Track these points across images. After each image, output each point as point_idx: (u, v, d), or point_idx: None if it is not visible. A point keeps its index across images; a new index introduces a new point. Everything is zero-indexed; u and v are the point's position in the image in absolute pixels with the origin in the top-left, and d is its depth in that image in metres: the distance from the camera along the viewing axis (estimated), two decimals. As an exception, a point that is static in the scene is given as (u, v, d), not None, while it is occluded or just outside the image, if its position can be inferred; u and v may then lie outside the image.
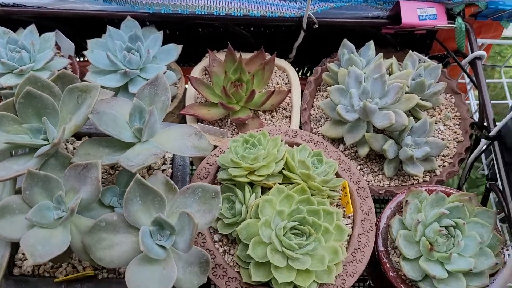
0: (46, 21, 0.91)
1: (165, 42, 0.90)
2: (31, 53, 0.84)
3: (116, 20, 0.89)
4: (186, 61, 1.03)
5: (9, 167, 0.58)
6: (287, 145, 0.80)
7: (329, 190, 0.72)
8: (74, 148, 0.74)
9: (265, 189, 0.72)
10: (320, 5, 0.88)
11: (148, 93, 0.66)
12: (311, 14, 0.86)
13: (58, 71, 0.63)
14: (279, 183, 0.71)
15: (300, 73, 1.11)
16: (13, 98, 0.61)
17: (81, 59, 1.05)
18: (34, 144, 0.59)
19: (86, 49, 0.94)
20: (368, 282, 0.91)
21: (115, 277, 0.67)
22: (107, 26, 0.85)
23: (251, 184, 0.72)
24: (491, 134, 0.78)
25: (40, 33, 0.87)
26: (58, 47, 0.90)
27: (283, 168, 0.73)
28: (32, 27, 0.86)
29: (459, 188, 0.91)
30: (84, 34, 0.93)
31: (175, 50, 0.88)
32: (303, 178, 0.71)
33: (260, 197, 0.70)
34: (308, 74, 1.12)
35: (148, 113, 0.61)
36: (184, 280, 0.60)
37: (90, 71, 0.85)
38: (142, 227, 0.56)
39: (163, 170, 0.75)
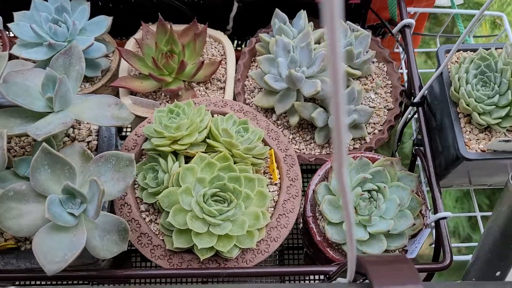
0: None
1: (98, 13, 0.89)
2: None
3: (44, -8, 0.87)
4: (124, 34, 1.02)
5: None
6: (216, 114, 0.80)
7: (253, 157, 0.73)
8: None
9: (190, 158, 0.73)
10: (250, -25, 0.87)
11: (62, 63, 0.65)
12: (241, -16, 0.86)
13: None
14: (203, 152, 0.71)
15: (243, 45, 1.11)
16: None
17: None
18: None
19: (18, 23, 0.92)
20: (304, 249, 0.93)
21: (38, 248, 0.68)
22: (32, -3, 0.83)
23: (176, 153, 0.72)
24: (415, 100, 0.80)
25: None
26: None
27: (207, 137, 0.73)
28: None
29: (392, 155, 0.93)
30: (11, 7, 0.91)
31: (105, 21, 0.87)
32: (226, 147, 0.72)
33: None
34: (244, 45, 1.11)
35: (59, 82, 0.60)
36: (102, 247, 0.61)
37: (17, 44, 0.83)
38: (50, 195, 0.56)
39: (88, 142, 0.74)
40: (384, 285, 0.43)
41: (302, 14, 0.88)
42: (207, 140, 0.72)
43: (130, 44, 0.92)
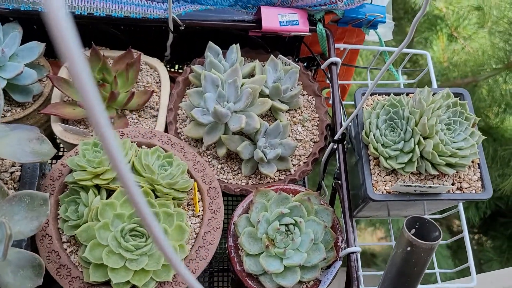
0: None
1: (33, 38, 0.89)
2: None
3: (-24, 15, 0.87)
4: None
5: None
6: (144, 146, 0.82)
7: (175, 191, 0.76)
8: None
9: (112, 191, 0.75)
10: (185, 7, 0.89)
11: (-21, 99, 0.66)
12: (175, 16, 0.88)
13: None
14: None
15: (179, 72, 1.13)
16: None
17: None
18: None
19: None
20: (232, 276, 0.97)
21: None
22: (-40, 22, 0.83)
23: (99, 186, 0.74)
24: (336, 136, 0.84)
25: None
26: None
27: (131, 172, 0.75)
28: None
29: (319, 186, 0.98)
30: None
31: (37, 48, 0.87)
32: (148, 181, 0.74)
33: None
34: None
35: (-27, 122, 0.61)
36: (15, 283, 0.62)
37: None
38: (-43, 236, 0.57)
39: (11, 173, 0.75)
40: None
41: (234, 48, 0.91)
42: (130, 175, 0.74)
43: (64, 70, 0.93)
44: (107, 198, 0.74)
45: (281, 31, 0.91)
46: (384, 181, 0.75)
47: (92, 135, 0.87)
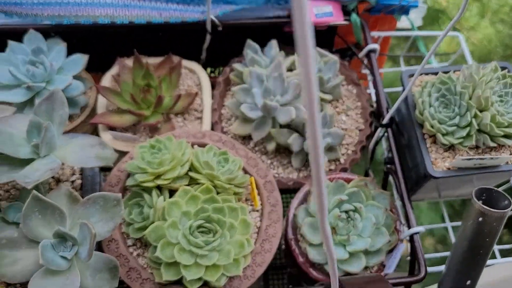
0: None
1: (73, 51, 0.90)
2: None
3: (19, 33, 0.88)
4: (99, 69, 1.04)
5: None
6: (196, 146, 0.83)
7: (234, 186, 0.76)
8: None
9: (173, 191, 0.75)
10: (222, 8, 0.91)
11: (45, 109, 0.67)
12: (213, 17, 0.89)
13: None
14: (186, 185, 0.74)
15: (216, 73, 1.14)
16: None
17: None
18: None
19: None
20: (288, 270, 0.97)
21: (29, 290, 0.69)
22: (8, 40, 0.85)
23: (160, 187, 0.75)
24: (384, 121, 0.85)
25: None
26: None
27: (189, 170, 0.76)
28: None
29: (366, 173, 0.98)
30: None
31: (81, 60, 0.88)
32: (208, 178, 0.75)
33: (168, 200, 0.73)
34: (219, 74, 1.15)
35: (44, 129, 0.62)
36: (94, 286, 0.63)
37: (-6, 87, 0.84)
38: (42, 241, 0.58)
39: (72, 181, 0.76)
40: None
41: (273, 44, 0.92)
42: (190, 173, 0.75)
43: (107, 80, 0.94)
44: (169, 198, 0.74)
45: (317, 23, 0.92)
46: (443, 158, 0.75)
47: (141, 141, 0.88)
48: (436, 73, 0.83)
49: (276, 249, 0.77)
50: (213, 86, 0.96)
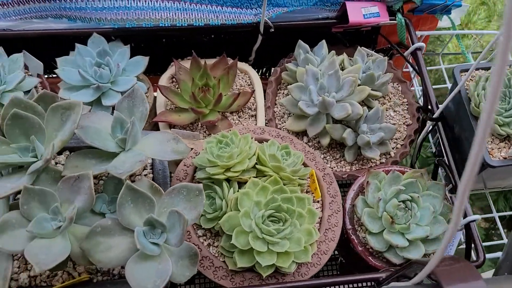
0: (11, 43, 0.93)
1: (131, 54, 0.95)
2: (1, 75, 0.87)
3: (81, 37, 0.93)
4: (151, 71, 1.08)
5: (3, 185, 0.61)
6: (256, 141, 0.86)
7: (298, 178, 0.80)
8: (57, 163, 0.78)
9: (241, 184, 0.79)
10: (274, 10, 0.95)
11: (126, 105, 0.71)
12: (267, 19, 0.94)
13: (37, 91, 0.67)
14: (254, 177, 0.78)
15: (259, 74, 1.18)
16: (-1, 121, 0.64)
17: (47, 77, 1.08)
18: (25, 162, 0.63)
19: (52, 66, 0.98)
20: (340, 259, 1.00)
21: (109, 279, 0.72)
22: (76, 44, 0.89)
23: (228, 180, 0.79)
24: (434, 116, 0.88)
25: (7, 54, 0.90)
26: (26, 67, 0.93)
27: (255, 163, 0.80)
28: (0, 50, 0.89)
29: (412, 166, 1.01)
30: (48, 52, 0.97)
31: (142, 61, 0.93)
32: (274, 170, 0.78)
33: (237, 191, 0.77)
34: (267, 74, 1.19)
35: (131, 124, 0.66)
36: (177, 273, 0.66)
37: (62, 88, 0.88)
38: (136, 227, 0.61)
39: (145, 175, 0.80)
40: (452, 284, 0.51)
41: (323, 44, 0.96)
42: (256, 166, 0.79)
43: (164, 80, 0.98)
44: (238, 190, 0.78)
45: (365, 23, 0.96)
46: (499, 148, 0.78)
47: (201, 138, 0.92)
48: (485, 69, 0.87)
49: (339, 238, 0.81)
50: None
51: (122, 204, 0.62)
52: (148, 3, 0.90)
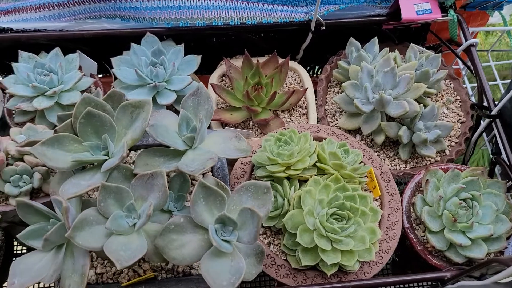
0: (65, 43, 0.94)
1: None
2: (59, 75, 0.88)
3: (134, 37, 0.93)
4: (198, 70, 1.08)
5: (77, 183, 0.62)
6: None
7: (359, 177, 0.79)
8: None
9: (301, 182, 0.79)
10: (326, 8, 0.94)
11: (191, 104, 0.71)
12: (319, 17, 0.93)
13: (90, 91, 0.68)
14: (315, 175, 0.77)
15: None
16: (71, 119, 0.65)
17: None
18: (97, 159, 0.64)
19: (103, 66, 0.99)
20: (392, 258, 0.99)
21: (173, 276, 0.73)
22: (131, 43, 0.90)
23: (288, 178, 0.78)
24: (492, 113, 0.87)
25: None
26: (79, 66, 0.94)
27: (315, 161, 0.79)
28: (57, 50, 0.90)
29: (464, 164, 1.00)
30: (99, 52, 0.98)
31: (195, 60, 0.93)
32: (335, 168, 0.78)
33: (299, 190, 0.76)
34: (311, 72, 1.18)
35: (200, 122, 0.66)
36: (246, 271, 0.66)
37: (117, 87, 0.89)
38: (209, 225, 0.61)
39: (203, 174, 0.80)
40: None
41: (376, 41, 0.96)
42: (316, 164, 0.78)
43: (214, 79, 0.98)
44: (299, 188, 0.77)
45: (418, 20, 0.95)
46: None
47: (254, 137, 0.92)
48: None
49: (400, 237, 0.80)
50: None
51: (196, 202, 0.62)
52: (202, 2, 0.90)
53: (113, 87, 0.94)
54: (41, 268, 0.60)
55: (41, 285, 0.90)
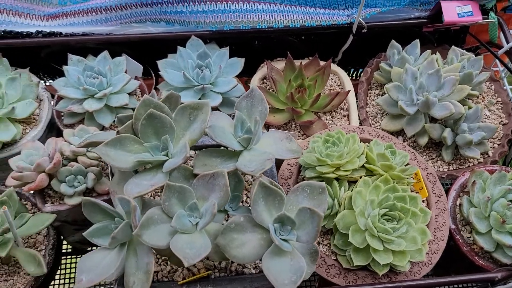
0: (112, 46, 0.96)
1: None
2: (108, 78, 0.90)
3: (178, 40, 0.95)
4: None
5: (139, 183, 0.64)
6: (357, 141, 0.87)
7: (406, 177, 0.80)
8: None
9: (349, 183, 0.79)
10: (368, 11, 0.95)
11: (245, 105, 0.72)
12: (361, 20, 0.94)
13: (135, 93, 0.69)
14: (364, 176, 0.78)
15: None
16: (132, 121, 0.67)
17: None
18: (157, 160, 0.65)
19: (146, 69, 1.00)
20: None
21: (226, 275, 0.74)
22: (178, 46, 0.91)
23: (337, 179, 0.79)
24: (538, 114, 0.87)
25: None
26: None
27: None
28: (106, 53, 0.92)
29: (505, 165, 1.00)
30: (143, 55, 1.00)
31: (239, 63, 0.94)
32: (383, 169, 0.79)
33: (348, 191, 0.77)
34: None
35: (257, 124, 0.67)
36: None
37: (164, 90, 0.91)
38: (269, 224, 0.63)
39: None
40: None
41: (417, 43, 0.96)
42: (365, 165, 0.79)
43: (255, 81, 1.00)
44: (348, 189, 0.78)
45: (460, 22, 0.96)
46: None
47: (298, 138, 0.93)
48: None
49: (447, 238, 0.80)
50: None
51: (256, 201, 0.63)
52: (246, 6, 0.92)
53: (156, 89, 0.96)
54: (106, 266, 0.61)
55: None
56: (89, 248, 1.01)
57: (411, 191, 0.84)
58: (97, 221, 0.64)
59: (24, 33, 0.91)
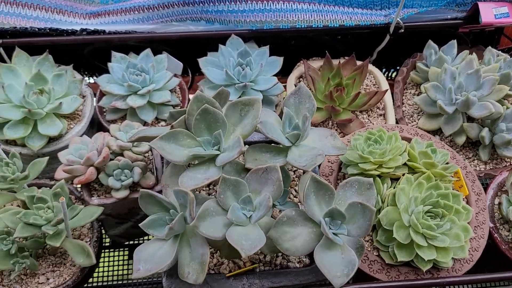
0: (153, 44, 0.98)
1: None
2: (150, 75, 0.92)
3: (217, 39, 0.97)
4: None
5: (194, 176, 0.65)
6: (396, 139, 0.88)
7: (448, 175, 0.81)
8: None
9: (392, 180, 0.81)
10: (406, 11, 0.96)
11: (293, 102, 0.74)
12: (399, 20, 0.95)
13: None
14: (407, 173, 0.79)
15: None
16: (185, 116, 0.68)
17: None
18: (210, 154, 0.67)
19: (184, 67, 1.02)
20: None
21: (271, 269, 0.75)
22: (219, 45, 0.93)
23: (379, 176, 0.80)
24: None
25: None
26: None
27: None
28: (148, 51, 0.94)
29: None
30: (183, 53, 1.02)
31: (278, 62, 0.96)
32: (426, 167, 0.80)
33: (391, 188, 0.78)
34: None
35: (307, 120, 0.69)
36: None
37: (205, 87, 0.92)
38: (321, 218, 0.64)
39: (294, 171, 0.83)
40: None
41: (454, 44, 0.97)
42: (407, 163, 0.80)
43: (292, 80, 1.01)
44: (390, 186, 0.79)
45: (497, 23, 0.97)
46: None
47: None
48: None
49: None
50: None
51: (308, 196, 0.65)
52: (286, 5, 0.93)
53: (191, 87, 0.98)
54: (162, 256, 0.63)
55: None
56: (126, 242, 1.03)
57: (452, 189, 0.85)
58: (152, 213, 0.66)
59: (70, 31, 0.94)
